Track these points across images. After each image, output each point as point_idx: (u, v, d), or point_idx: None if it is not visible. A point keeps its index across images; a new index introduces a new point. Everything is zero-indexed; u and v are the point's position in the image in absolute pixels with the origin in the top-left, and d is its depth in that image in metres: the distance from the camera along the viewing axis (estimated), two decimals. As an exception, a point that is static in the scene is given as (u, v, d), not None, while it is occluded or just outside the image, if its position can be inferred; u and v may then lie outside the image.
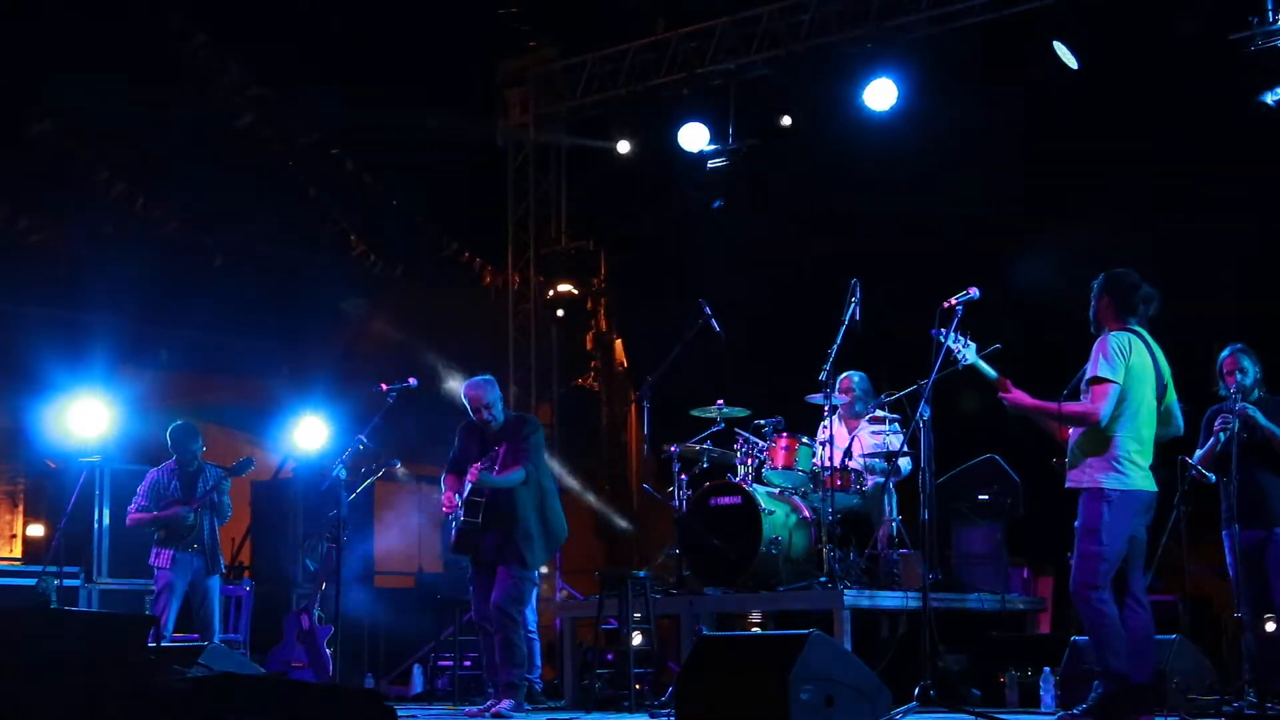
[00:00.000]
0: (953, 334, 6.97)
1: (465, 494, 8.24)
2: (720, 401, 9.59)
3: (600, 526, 14.14)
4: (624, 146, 12.94)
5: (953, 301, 7.10)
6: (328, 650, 10.28)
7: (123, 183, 12.81)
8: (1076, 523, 6.57)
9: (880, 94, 11.28)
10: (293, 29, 12.48)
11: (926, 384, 7.32)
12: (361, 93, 12.94)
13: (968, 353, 6.93)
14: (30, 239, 12.53)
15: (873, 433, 9.40)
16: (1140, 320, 6.68)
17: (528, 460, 8.29)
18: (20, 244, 12.48)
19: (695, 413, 9.68)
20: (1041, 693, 7.93)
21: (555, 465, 11.30)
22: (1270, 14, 9.56)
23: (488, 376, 8.50)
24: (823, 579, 8.76)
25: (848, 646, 8.01)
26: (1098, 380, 6.48)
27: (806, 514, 9.20)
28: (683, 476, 9.46)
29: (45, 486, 12.59)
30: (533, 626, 9.07)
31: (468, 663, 10.69)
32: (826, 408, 9.16)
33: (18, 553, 13.03)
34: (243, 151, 13.02)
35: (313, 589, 10.59)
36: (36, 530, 13.03)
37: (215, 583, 9.51)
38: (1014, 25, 10.78)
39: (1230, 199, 10.16)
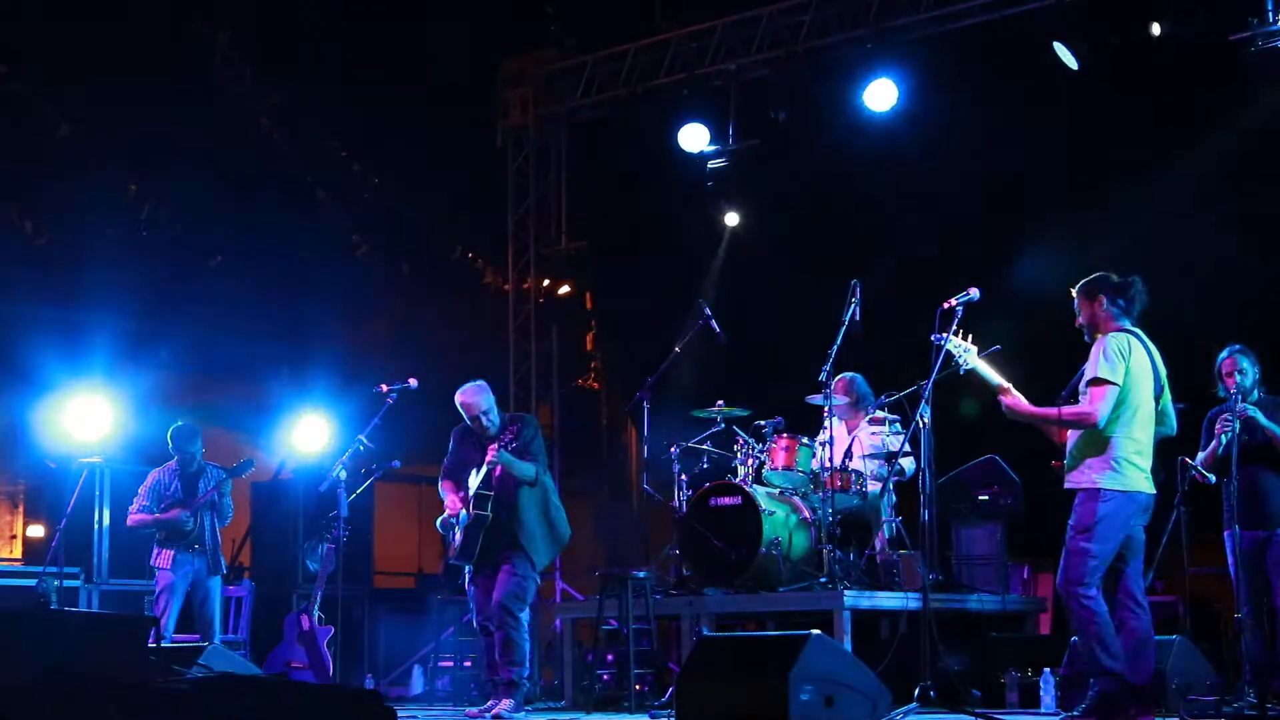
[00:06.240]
0: (954, 338, 6.96)
1: (471, 491, 8.23)
2: (720, 401, 9.60)
3: (600, 526, 14.14)
4: (624, 147, 12.95)
5: (952, 302, 7.09)
6: (328, 650, 10.28)
7: (125, 183, 12.81)
8: (1070, 520, 6.57)
9: (880, 94, 11.29)
10: (295, 30, 12.48)
11: (926, 385, 7.32)
12: (363, 92, 12.96)
13: (968, 357, 6.91)
14: (32, 240, 12.53)
15: (872, 433, 9.40)
16: (1134, 319, 6.68)
17: (534, 459, 8.30)
18: (21, 244, 12.48)
19: (695, 413, 9.68)
20: (1041, 693, 7.93)
21: (555, 465, 11.30)
22: (1270, 14, 9.57)
23: (479, 382, 8.46)
24: (823, 580, 8.75)
25: (848, 647, 8.01)
26: (1097, 381, 6.48)
27: (806, 515, 9.20)
28: (683, 477, 9.46)
29: (45, 486, 12.57)
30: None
31: (468, 663, 10.70)
32: (826, 408, 9.16)
33: (18, 553, 13.02)
34: (244, 151, 13.03)
35: (313, 589, 10.60)
36: (36, 531, 13.02)
37: (216, 583, 9.51)
38: (1014, 25, 10.79)
39: (1231, 199, 10.17)
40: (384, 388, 8.66)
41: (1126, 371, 6.49)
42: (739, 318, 10.21)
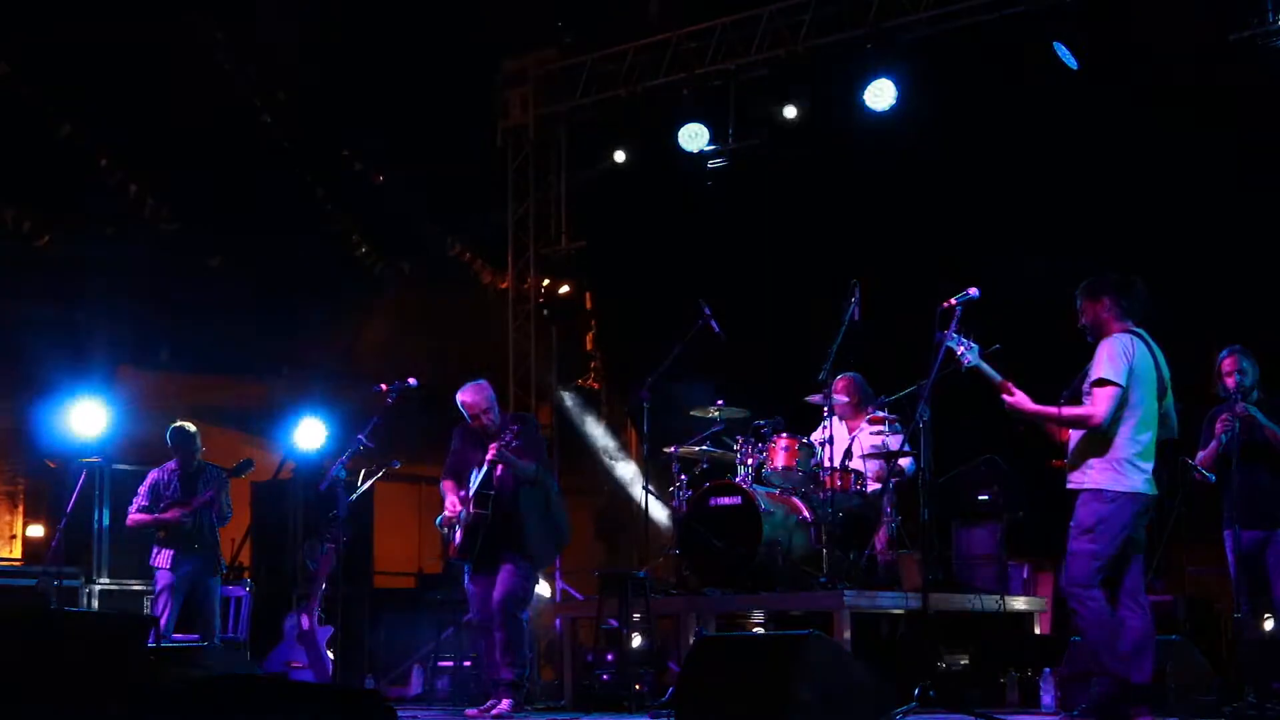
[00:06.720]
0: (956, 336, 6.96)
1: (472, 490, 8.23)
2: (720, 401, 9.59)
3: (600, 527, 14.14)
4: (624, 146, 12.96)
5: (952, 301, 7.09)
6: (328, 650, 10.27)
7: (126, 182, 12.81)
8: (1072, 520, 6.56)
9: (880, 94, 11.28)
10: (295, 29, 12.49)
11: (926, 384, 7.32)
12: (363, 92, 12.96)
13: (971, 355, 6.91)
14: (32, 240, 12.54)
15: (872, 433, 9.40)
16: (1137, 319, 6.67)
17: (535, 459, 8.30)
18: (22, 244, 12.49)
19: (695, 413, 9.68)
20: (1041, 693, 7.94)
21: (555, 465, 11.29)
22: (1270, 14, 9.57)
23: (479, 381, 8.46)
24: (823, 579, 8.75)
25: (848, 647, 8.01)
26: (1101, 382, 6.47)
27: (806, 514, 9.19)
28: (683, 477, 9.46)
29: (45, 486, 12.57)
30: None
31: (468, 663, 10.69)
32: (826, 408, 9.16)
33: (18, 553, 13.01)
34: (245, 151, 13.03)
35: (313, 589, 10.59)
36: (36, 530, 13.02)
37: (216, 583, 9.51)
38: (1014, 25, 10.79)
39: (1231, 198, 10.17)
40: (384, 387, 8.65)
41: (1130, 372, 6.49)
42: (739, 317, 10.20)
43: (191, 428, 9.60)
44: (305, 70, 12.98)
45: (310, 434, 11.96)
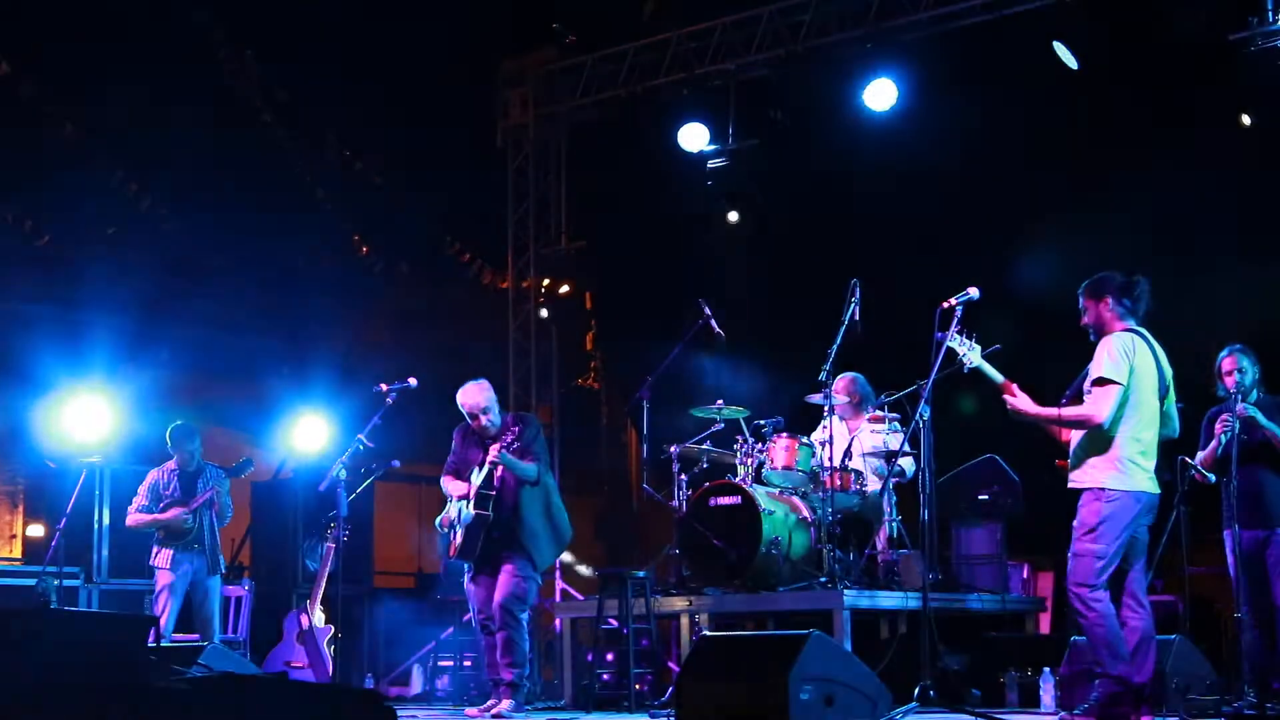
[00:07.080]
0: (958, 336, 6.96)
1: (473, 490, 8.23)
2: (720, 401, 9.59)
3: (600, 526, 14.14)
4: (624, 147, 12.96)
5: (952, 302, 7.10)
6: (328, 650, 10.28)
7: (125, 183, 12.82)
8: (1075, 521, 6.57)
9: (880, 94, 11.29)
10: (297, 28, 12.49)
11: (926, 384, 7.32)
12: (363, 92, 12.97)
13: (973, 355, 6.92)
14: (32, 240, 12.54)
15: (872, 433, 9.40)
16: (1139, 319, 6.68)
17: (536, 459, 8.29)
18: (21, 244, 12.49)
19: (695, 413, 9.68)
20: (1041, 693, 7.93)
21: (555, 465, 11.29)
22: (1270, 14, 9.57)
23: (480, 381, 8.45)
24: (823, 579, 8.75)
25: (848, 646, 8.01)
26: (1102, 381, 6.48)
27: (806, 514, 9.19)
28: (683, 476, 9.45)
29: (45, 486, 12.57)
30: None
31: (468, 663, 10.70)
32: (826, 408, 9.16)
33: (18, 553, 13.02)
34: (245, 151, 13.03)
35: (313, 589, 10.59)
36: (36, 530, 13.02)
37: (216, 583, 9.51)
38: (1014, 25, 10.79)
39: (1230, 198, 10.17)
40: (384, 387, 8.65)
41: (1131, 371, 6.49)
42: (739, 317, 10.20)
43: (191, 427, 9.60)
44: (306, 70, 12.98)
45: (310, 434, 11.96)
